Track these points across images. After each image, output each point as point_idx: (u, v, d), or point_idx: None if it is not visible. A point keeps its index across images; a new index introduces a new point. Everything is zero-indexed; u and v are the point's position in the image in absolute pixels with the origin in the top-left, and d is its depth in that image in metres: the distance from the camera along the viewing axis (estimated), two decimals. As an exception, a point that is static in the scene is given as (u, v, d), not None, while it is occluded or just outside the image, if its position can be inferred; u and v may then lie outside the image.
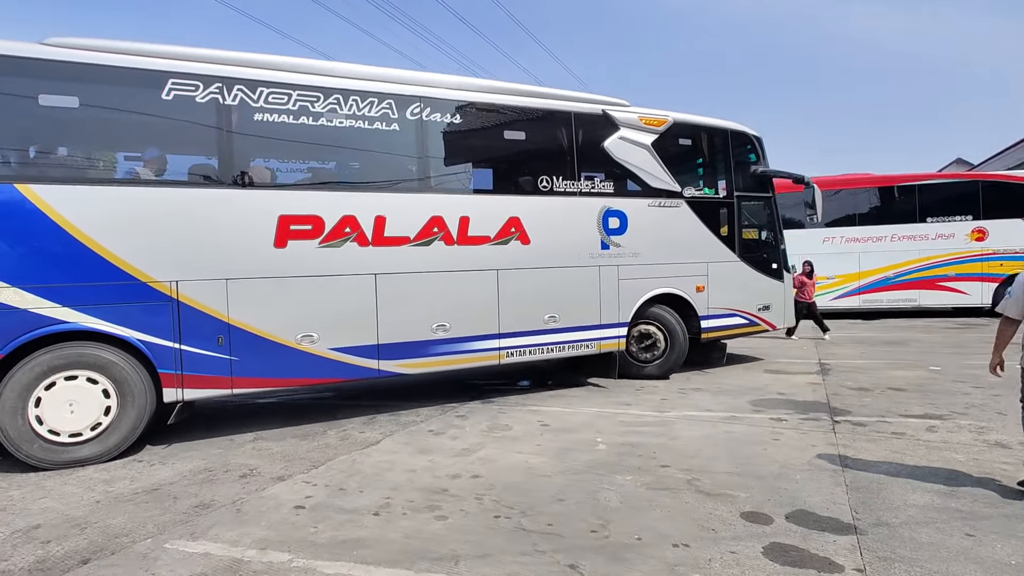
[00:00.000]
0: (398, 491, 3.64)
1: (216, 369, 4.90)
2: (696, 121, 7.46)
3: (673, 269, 7.09)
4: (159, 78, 4.70)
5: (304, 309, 5.20)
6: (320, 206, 5.27)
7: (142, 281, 4.61)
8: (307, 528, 3.13)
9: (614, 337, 6.76)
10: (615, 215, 6.68)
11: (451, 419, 5.46)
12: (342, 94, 5.37)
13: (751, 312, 7.68)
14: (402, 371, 5.67)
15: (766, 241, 8.04)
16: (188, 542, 3.00)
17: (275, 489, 3.74)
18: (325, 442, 4.81)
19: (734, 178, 7.59)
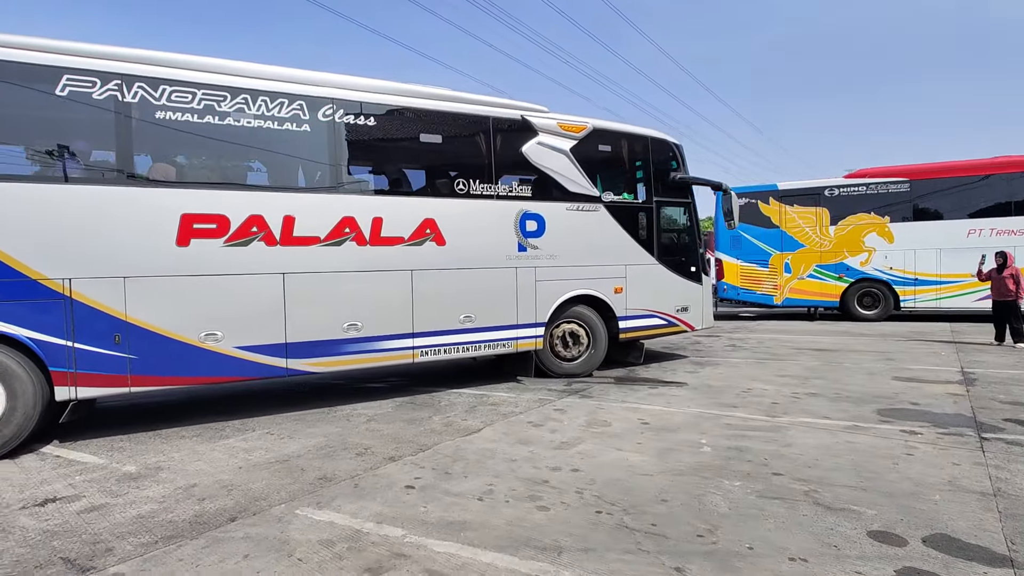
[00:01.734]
0: (500, 479, 3.75)
1: (112, 367, 4.87)
2: (616, 128, 7.66)
3: (591, 271, 7.26)
4: (53, 73, 4.66)
5: (208, 308, 5.20)
6: (225, 205, 5.28)
7: (32, 278, 4.58)
8: (418, 507, 3.32)
9: (531, 337, 6.92)
10: (533, 218, 6.83)
11: (549, 412, 5.52)
12: (250, 94, 5.38)
13: (669, 313, 7.85)
14: (311, 370, 5.69)
15: (685, 245, 8.18)
16: (315, 510, 3.30)
17: (387, 468, 4.01)
18: (431, 427, 5.06)
19: (653, 184, 7.74)
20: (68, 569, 2.69)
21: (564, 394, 6.31)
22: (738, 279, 14.70)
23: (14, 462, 4.38)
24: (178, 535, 3.02)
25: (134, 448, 4.70)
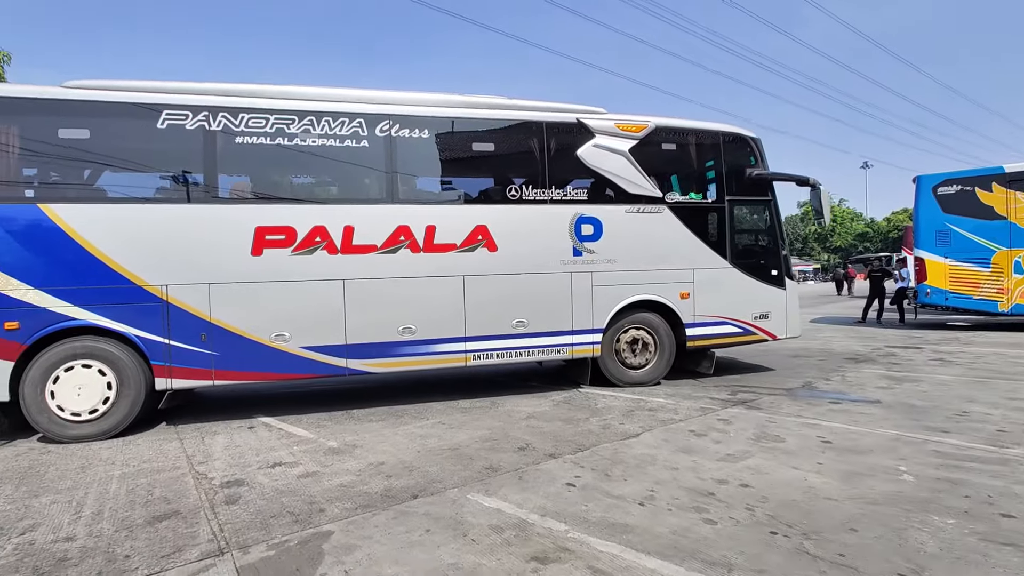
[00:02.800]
0: (662, 486, 3.67)
1: (200, 362, 5.53)
2: (681, 125, 7.20)
3: (654, 276, 6.90)
4: (156, 110, 5.47)
5: (278, 311, 5.69)
6: (293, 218, 5.77)
7: (138, 284, 5.36)
8: (579, 505, 3.40)
9: (588, 343, 6.69)
10: (589, 222, 6.64)
11: (712, 421, 5.24)
12: (315, 116, 5.85)
13: (745, 320, 7.24)
14: (369, 370, 6.00)
15: (764, 246, 7.55)
16: (484, 496, 3.56)
17: (548, 465, 4.16)
18: (588, 428, 5.12)
19: (726, 182, 7.18)
20: (294, 521, 3.26)
21: (728, 404, 5.93)
22: (946, 281, 12.37)
23: (252, 432, 5.41)
24: (372, 505, 3.48)
25: (334, 427, 5.49)
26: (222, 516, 3.37)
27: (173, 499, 3.67)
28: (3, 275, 5.03)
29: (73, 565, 2.82)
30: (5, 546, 3.05)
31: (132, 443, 5.13)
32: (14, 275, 5.06)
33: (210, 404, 6.79)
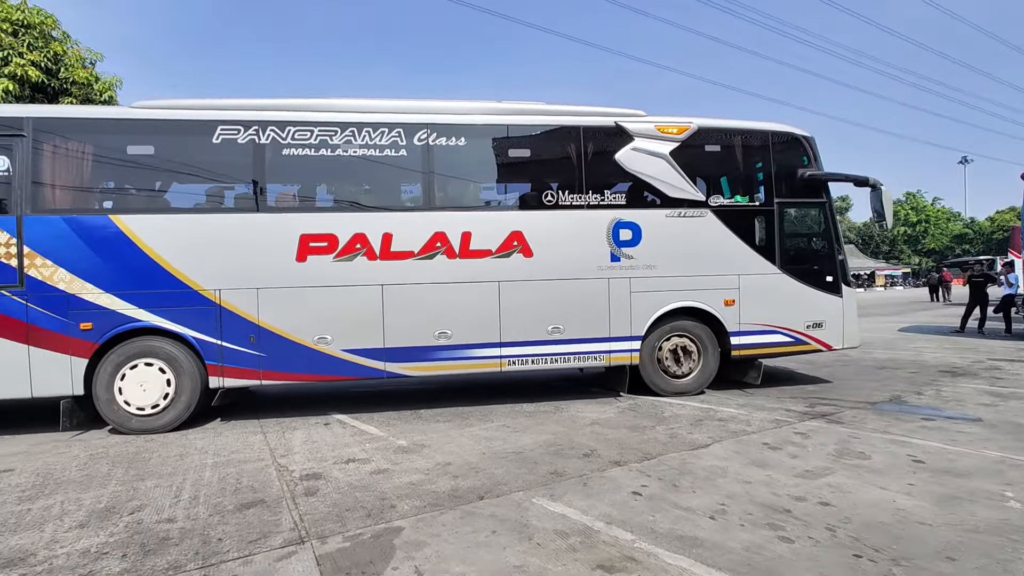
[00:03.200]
0: (733, 500, 3.53)
1: (249, 363, 5.82)
2: (725, 125, 6.91)
3: (696, 282, 6.66)
4: (212, 126, 5.81)
5: (320, 314, 5.90)
6: (335, 225, 5.98)
7: (194, 289, 5.72)
8: (645, 515, 3.34)
9: (626, 351, 6.54)
10: (627, 227, 6.49)
11: (788, 434, 4.98)
12: (356, 127, 6.04)
13: (796, 329, 6.87)
14: (406, 373, 6.13)
15: (818, 251, 7.13)
16: (549, 502, 3.57)
17: (613, 472, 4.11)
18: (654, 436, 5.01)
19: (775, 183, 6.85)
20: (367, 515, 3.41)
21: (806, 416, 5.62)
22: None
23: (328, 428, 5.70)
24: (440, 504, 3.58)
25: (403, 426, 5.69)
26: (302, 507, 3.58)
27: (259, 488, 3.94)
28: (79, 280, 5.53)
29: (174, 544, 3.09)
30: (118, 523, 3.40)
31: (222, 435, 5.54)
32: (88, 280, 5.55)
33: (289, 400, 7.22)
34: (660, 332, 6.70)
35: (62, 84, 10.87)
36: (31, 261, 5.46)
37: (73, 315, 5.51)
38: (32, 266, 5.46)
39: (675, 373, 6.76)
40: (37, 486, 4.14)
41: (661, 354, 6.72)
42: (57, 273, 5.50)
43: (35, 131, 5.54)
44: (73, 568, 2.85)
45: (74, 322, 5.51)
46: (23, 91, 10.08)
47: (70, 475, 4.37)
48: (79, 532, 3.28)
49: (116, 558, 2.95)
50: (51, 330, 5.49)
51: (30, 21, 10.56)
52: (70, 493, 3.95)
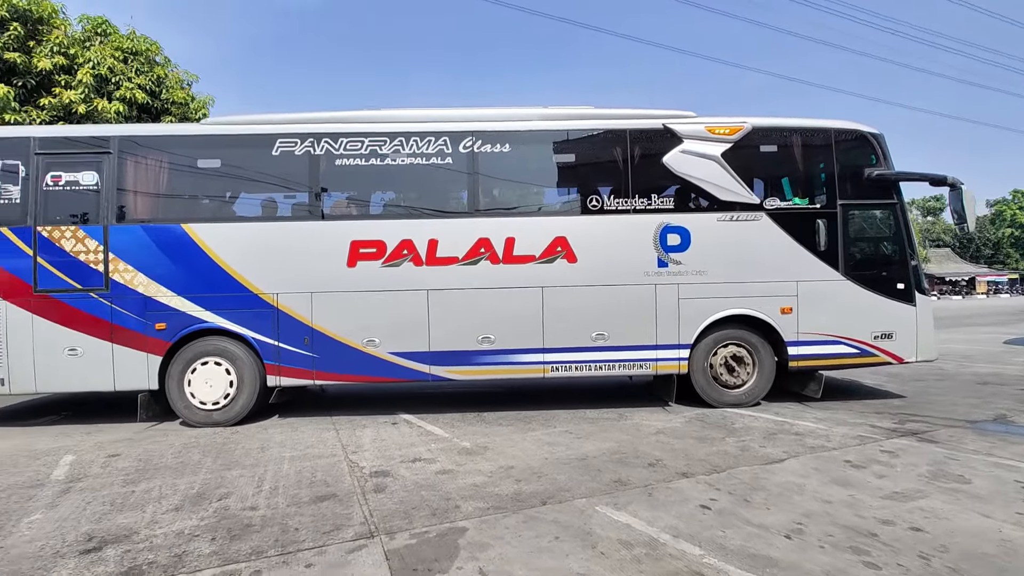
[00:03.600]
0: (811, 520, 3.33)
1: (303, 363, 6.14)
2: (783, 124, 6.58)
3: (750, 288, 6.37)
4: (271, 139, 6.18)
5: (369, 318, 6.13)
6: (383, 232, 6.18)
7: (255, 293, 6.10)
8: (715, 529, 3.22)
9: (673, 359, 6.36)
10: (675, 231, 6.32)
11: (873, 452, 4.64)
12: (405, 136, 6.25)
13: (862, 340, 6.43)
14: (450, 376, 6.24)
15: (888, 256, 6.62)
16: (613, 510, 3.51)
17: (680, 484, 3.99)
18: (723, 449, 4.82)
19: (839, 184, 6.46)
20: (432, 514, 3.50)
21: (894, 434, 5.21)
22: None
23: (395, 427, 5.89)
24: (503, 507, 3.61)
25: (467, 428, 5.78)
26: (372, 502, 3.72)
27: (331, 483, 4.13)
28: (155, 283, 6.05)
29: (256, 531, 3.30)
30: (207, 508, 3.67)
31: (298, 430, 5.86)
32: (163, 283, 6.06)
33: (359, 399, 7.52)
34: (711, 340, 6.44)
35: (163, 104, 11.93)
36: (115, 266, 6.04)
37: (150, 316, 6.05)
38: (116, 271, 6.04)
39: (728, 383, 6.47)
40: (139, 470, 4.55)
41: (713, 363, 6.46)
42: (136, 277, 6.05)
43: (119, 148, 6.14)
44: (170, 547, 3.10)
45: (150, 322, 6.05)
46: (131, 112, 11.16)
47: (167, 462, 4.77)
48: (174, 515, 3.58)
49: (206, 540, 3.18)
50: (131, 329, 6.05)
51: (138, 48, 11.69)
52: (167, 478, 4.32)
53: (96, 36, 11.51)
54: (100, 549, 3.11)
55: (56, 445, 5.44)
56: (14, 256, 5.96)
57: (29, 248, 5.98)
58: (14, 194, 6.01)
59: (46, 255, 5.99)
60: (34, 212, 6.01)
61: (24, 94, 10.52)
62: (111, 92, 10.98)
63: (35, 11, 10.75)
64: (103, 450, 5.21)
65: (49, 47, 10.63)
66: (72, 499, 3.91)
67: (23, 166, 6.03)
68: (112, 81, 11.01)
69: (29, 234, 5.98)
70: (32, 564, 2.95)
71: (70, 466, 4.71)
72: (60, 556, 3.03)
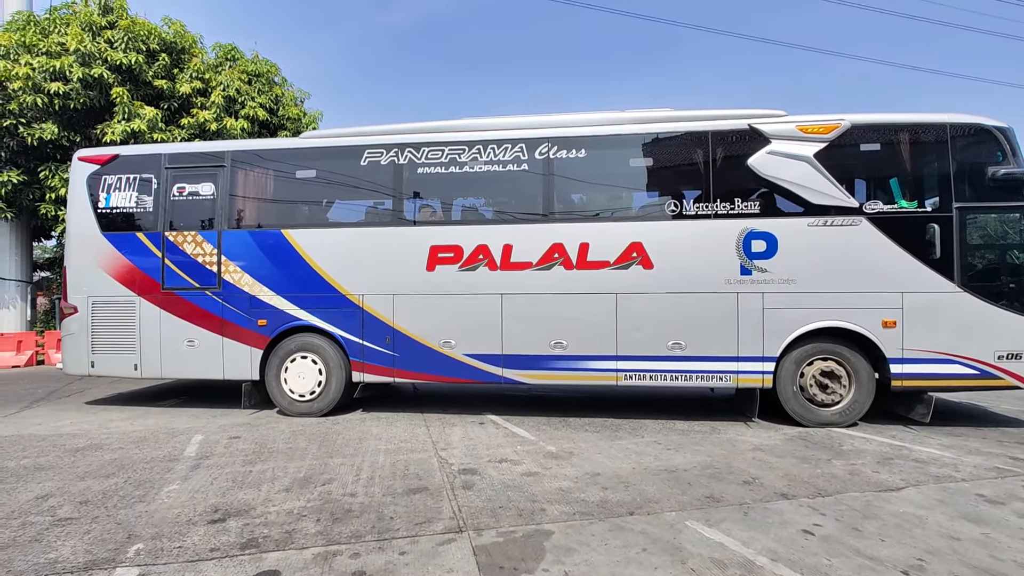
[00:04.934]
0: (936, 557, 3.00)
1: (384, 361, 6.46)
2: (887, 120, 5.94)
3: (846, 300, 5.85)
4: (360, 150, 6.56)
5: (446, 320, 6.33)
6: (461, 237, 6.35)
7: (343, 294, 6.48)
8: (819, 557, 2.99)
9: (756, 372, 5.99)
10: (761, 237, 5.94)
11: (1014, 487, 4.08)
12: (482, 144, 6.39)
13: (982, 360, 5.67)
14: (522, 380, 6.28)
15: (1016, 265, 5.79)
16: (704, 527, 3.37)
17: (779, 505, 3.74)
18: (830, 471, 4.46)
19: (955, 185, 5.75)
20: (518, 515, 3.55)
21: (1042, 468, 4.55)
22: None
23: (482, 427, 6.05)
24: (589, 513, 3.58)
25: (552, 432, 5.80)
26: (460, 499, 3.84)
27: (423, 476, 4.32)
28: (258, 283, 6.63)
29: (355, 516, 3.53)
30: (313, 492, 3.98)
31: (393, 424, 6.18)
32: (264, 283, 6.61)
33: (449, 398, 7.79)
34: (800, 354, 5.97)
35: (280, 120, 13.11)
36: (226, 267, 6.71)
37: (253, 313, 6.66)
38: (227, 271, 6.70)
39: (821, 401, 5.97)
40: (256, 452, 5.03)
41: (804, 379, 5.98)
42: (243, 278, 6.68)
43: (232, 161, 6.82)
44: (281, 524, 3.40)
45: (254, 319, 6.65)
46: (253, 128, 12.37)
47: (279, 447, 5.23)
48: (285, 495, 3.91)
49: (312, 521, 3.45)
50: (238, 324, 6.69)
51: (259, 71, 12.94)
52: (279, 461, 4.73)
53: (226, 62, 12.91)
54: (224, 520, 3.47)
55: (188, 426, 6.14)
56: (147, 258, 6.83)
57: (159, 251, 6.82)
58: (148, 203, 6.89)
59: (172, 257, 6.80)
60: (163, 219, 6.85)
61: (168, 115, 12.01)
62: (237, 111, 12.24)
63: (179, 43, 12.27)
64: (226, 432, 5.80)
65: (189, 73, 12.06)
66: (201, 474, 4.40)
67: (155, 179, 6.91)
68: (239, 101, 12.27)
69: (159, 239, 6.83)
70: (171, 528, 3.36)
71: (199, 444, 5.30)
72: (192, 523, 3.43)
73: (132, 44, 11.34)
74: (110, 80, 11.18)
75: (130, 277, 6.86)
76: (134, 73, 11.52)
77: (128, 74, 11.53)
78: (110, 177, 6.98)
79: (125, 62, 11.18)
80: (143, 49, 11.54)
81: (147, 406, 7.35)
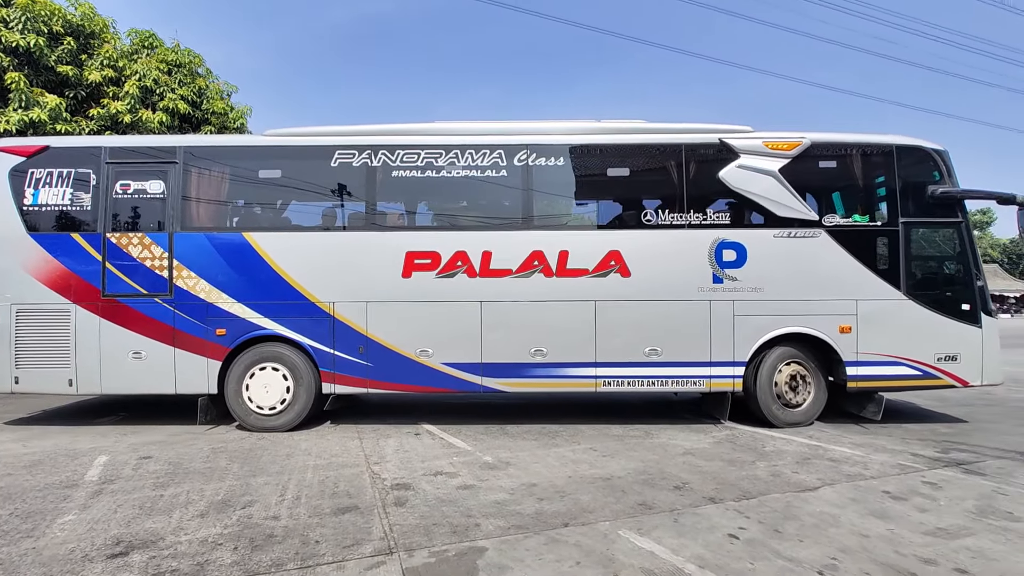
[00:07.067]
0: (848, 555, 3.17)
1: (357, 372, 6.19)
2: (843, 140, 6.47)
3: (808, 307, 6.26)
4: (330, 151, 6.30)
5: (423, 328, 6.17)
6: (438, 243, 6.21)
7: (312, 301, 6.18)
8: (743, 561, 3.09)
9: (728, 376, 6.26)
10: (731, 247, 6.24)
11: (915, 483, 4.41)
12: (460, 149, 6.31)
13: (925, 362, 6.25)
14: (502, 388, 6.20)
15: (952, 275, 6.51)
16: (637, 536, 3.41)
17: (707, 509, 3.85)
18: (754, 473, 4.65)
19: (900, 202, 6.32)
20: (452, 532, 3.45)
21: (938, 463, 4.95)
22: None
23: (418, 439, 5.89)
24: (525, 527, 3.54)
25: (490, 441, 5.73)
26: (392, 517, 3.70)
27: (354, 494, 4.13)
28: (216, 290, 6.20)
29: (278, 542, 3.31)
30: (231, 516, 3.71)
31: (324, 437, 5.91)
32: (223, 290, 6.20)
33: (385, 408, 7.55)
34: (769, 358, 6.31)
35: (204, 114, 12.33)
36: (179, 273, 6.21)
37: (211, 322, 6.19)
38: (179, 277, 6.21)
39: (791, 402, 6.36)
40: (169, 473, 4.65)
41: (779, 381, 6.34)
42: (199, 284, 6.20)
43: (185, 158, 6.32)
44: (193, 555, 3.14)
45: (211, 328, 6.18)
46: (173, 122, 11.56)
47: (196, 466, 4.86)
48: (200, 522, 3.62)
49: (228, 550, 3.21)
50: (192, 334, 6.19)
51: (181, 61, 12.12)
52: (195, 483, 4.39)
53: (143, 49, 12.00)
54: (127, 554, 3.16)
55: (92, 445, 5.61)
56: (84, 261, 6.19)
57: (98, 253, 6.20)
58: (85, 202, 6.25)
59: (114, 260, 6.20)
60: (103, 219, 6.23)
61: (75, 105, 11.01)
62: (155, 103, 11.40)
63: (87, 26, 11.27)
64: (136, 452, 5.34)
65: (99, 60, 11.11)
66: (104, 501, 4.01)
67: (94, 174, 6.28)
68: (157, 92, 11.43)
69: (99, 240, 6.21)
70: (62, 567, 3.02)
71: (103, 467, 4.85)
72: (89, 560, 3.10)
73: (31, 25, 10.29)
74: (4, 63, 10.12)
75: (63, 282, 6.19)
76: (33, 57, 10.46)
77: (26, 58, 10.46)
78: (38, 171, 6.27)
79: (23, 44, 10.13)
80: (44, 31, 10.50)
81: (48, 425, 6.67)
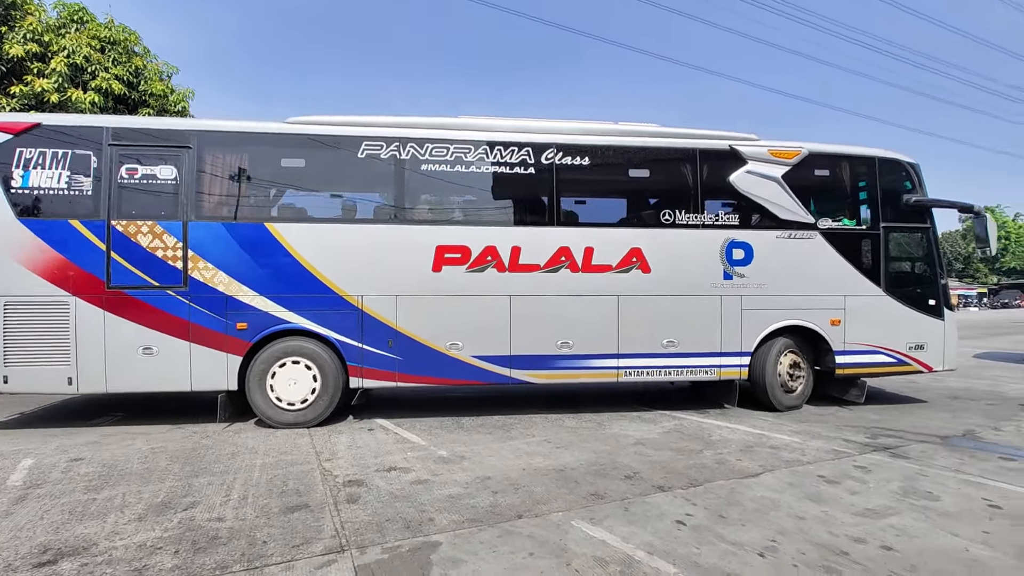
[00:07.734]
0: (786, 537, 3.34)
1: (386, 365, 6.15)
2: (835, 151, 7.14)
3: (804, 301, 6.88)
4: (357, 141, 6.16)
5: (453, 322, 6.21)
6: (468, 238, 6.27)
7: (339, 294, 6.06)
8: (690, 546, 3.21)
9: (735, 365, 6.77)
10: (739, 246, 6.73)
11: (847, 467, 4.69)
12: (489, 145, 6.38)
13: (899, 350, 7.08)
14: (530, 380, 6.37)
15: (921, 274, 7.34)
16: (589, 525, 3.48)
17: (656, 498, 3.97)
18: (701, 462, 4.83)
19: (881, 208, 7.07)
20: (405, 527, 3.43)
21: (867, 448, 5.28)
22: None
23: (371, 434, 5.80)
24: (479, 520, 3.55)
25: (445, 435, 5.71)
26: (344, 514, 3.63)
27: (303, 492, 4.03)
28: (236, 282, 5.93)
29: (223, 544, 3.19)
30: (172, 519, 3.55)
31: (273, 434, 5.73)
32: (244, 282, 5.94)
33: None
34: (771, 348, 6.85)
35: (141, 96, 11.63)
36: (194, 264, 5.88)
37: (231, 315, 5.91)
38: (195, 268, 5.88)
39: (789, 388, 6.96)
40: (103, 476, 4.40)
41: (781, 369, 6.89)
42: (217, 276, 5.90)
43: (200, 144, 5.96)
44: (129, 561, 2.99)
45: (231, 322, 5.91)
46: (107, 103, 10.85)
47: (132, 468, 4.62)
48: (137, 525, 3.45)
49: (169, 554, 3.07)
50: (210, 328, 5.88)
51: (115, 38, 11.37)
52: (132, 485, 4.17)
53: (72, 24, 11.18)
54: (55, 562, 2.98)
55: (14, 448, 5.24)
56: (85, 250, 5.74)
57: (102, 242, 5.75)
58: (86, 186, 5.78)
59: (120, 250, 5.78)
60: (108, 205, 5.79)
61: (-6, 80, 10.17)
62: (86, 82, 10.67)
63: (8, -5, 10.40)
64: (65, 454, 5.03)
65: (22, 33, 10.29)
66: (29, 507, 3.75)
67: (95, 157, 5.81)
68: (88, 71, 10.70)
69: (102, 228, 5.76)
70: (-19, 578, 2.81)
71: (28, 471, 4.54)
72: (12, 570, 2.89)
73: (-57, -9, 9.43)
74: (-89, 32, 9.22)
75: (61, 273, 5.71)
76: (-55, 26, 9.59)
77: (-63, 26, 9.58)
78: (28, 151, 5.73)
79: (-67, 12, 9.26)
80: (-42, -2, 9.65)
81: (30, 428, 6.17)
